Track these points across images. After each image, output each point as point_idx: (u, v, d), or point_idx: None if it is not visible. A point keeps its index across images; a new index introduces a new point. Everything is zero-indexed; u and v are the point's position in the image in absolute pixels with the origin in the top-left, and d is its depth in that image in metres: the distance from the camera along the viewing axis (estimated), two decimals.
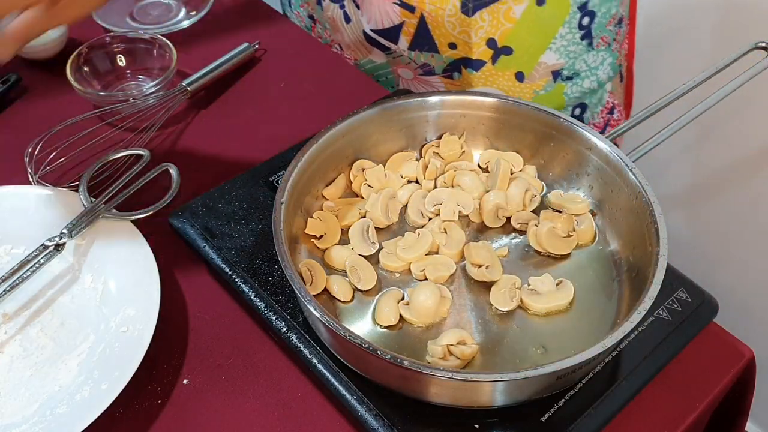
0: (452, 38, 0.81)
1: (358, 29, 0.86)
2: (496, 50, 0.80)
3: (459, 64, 0.83)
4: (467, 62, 0.83)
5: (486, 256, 0.67)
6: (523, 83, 0.82)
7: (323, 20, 0.92)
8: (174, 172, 0.77)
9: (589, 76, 0.85)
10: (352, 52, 0.91)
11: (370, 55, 0.89)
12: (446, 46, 0.82)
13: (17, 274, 0.68)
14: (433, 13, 0.79)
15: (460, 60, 0.83)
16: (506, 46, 0.80)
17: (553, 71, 0.83)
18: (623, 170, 0.67)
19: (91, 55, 0.94)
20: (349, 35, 0.88)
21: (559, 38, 0.80)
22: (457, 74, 0.85)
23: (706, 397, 0.65)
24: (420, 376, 0.54)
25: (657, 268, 0.58)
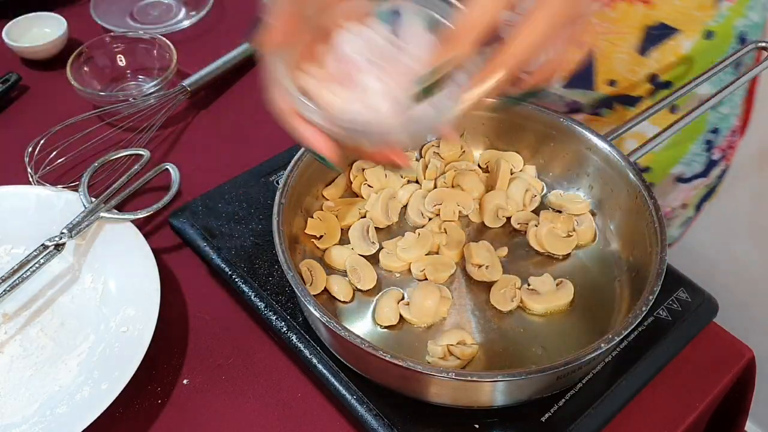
0: (615, 75, 0.78)
1: None
2: (656, 85, 0.78)
3: (612, 101, 0.81)
4: (623, 99, 0.80)
5: (486, 256, 0.67)
6: (674, 114, 0.80)
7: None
8: (174, 172, 0.77)
9: (728, 101, 0.84)
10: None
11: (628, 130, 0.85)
12: (605, 83, 0.79)
13: (17, 274, 0.67)
14: (605, 50, 0.76)
15: (615, 96, 0.80)
16: (668, 81, 0.78)
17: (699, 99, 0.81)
18: (623, 170, 0.67)
19: (91, 55, 0.94)
20: None
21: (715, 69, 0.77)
22: (606, 110, 0.82)
23: (706, 397, 0.65)
24: (420, 376, 0.54)
25: (657, 268, 0.58)
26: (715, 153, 0.86)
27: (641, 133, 0.80)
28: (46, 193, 0.75)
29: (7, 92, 0.93)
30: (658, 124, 0.79)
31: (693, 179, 0.87)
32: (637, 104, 0.80)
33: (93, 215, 0.71)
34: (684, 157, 0.85)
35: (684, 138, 0.82)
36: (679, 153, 0.84)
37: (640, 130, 0.78)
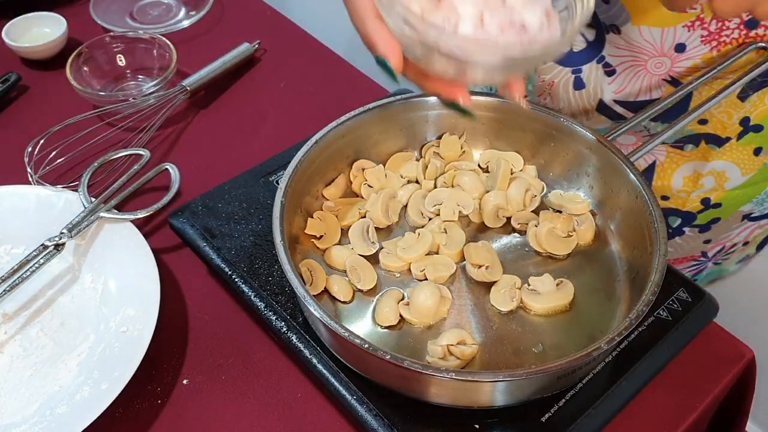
0: (709, 116, 0.76)
1: (592, 98, 0.79)
2: (746, 128, 0.76)
3: (700, 139, 0.78)
4: (711, 138, 0.78)
5: (486, 256, 0.67)
6: (758, 156, 0.78)
7: (530, 83, 0.84)
8: (174, 172, 0.77)
9: None
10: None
11: (587, 122, 0.81)
12: (696, 121, 0.76)
13: (17, 274, 0.67)
14: (704, 93, 0.74)
15: (703, 135, 0.78)
16: (758, 125, 0.76)
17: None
18: (623, 170, 0.67)
19: (91, 55, 0.94)
20: (572, 102, 0.80)
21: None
22: (691, 146, 0.79)
23: (706, 397, 0.65)
24: (420, 376, 0.54)
25: (657, 268, 0.58)
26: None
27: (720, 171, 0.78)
28: (46, 193, 0.75)
29: (7, 92, 0.93)
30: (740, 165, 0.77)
31: (761, 218, 0.86)
32: (724, 146, 0.78)
33: (93, 215, 0.71)
34: (757, 197, 0.83)
35: (760, 179, 0.79)
36: (755, 192, 0.82)
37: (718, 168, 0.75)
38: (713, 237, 0.85)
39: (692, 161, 0.77)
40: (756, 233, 0.89)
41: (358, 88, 0.97)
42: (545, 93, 0.81)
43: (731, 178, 0.79)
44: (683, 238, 0.85)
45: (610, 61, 0.74)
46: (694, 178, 0.78)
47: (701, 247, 0.87)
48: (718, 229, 0.85)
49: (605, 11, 0.70)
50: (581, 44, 0.74)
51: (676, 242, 0.86)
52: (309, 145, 0.68)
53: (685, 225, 0.84)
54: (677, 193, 0.81)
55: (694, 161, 0.77)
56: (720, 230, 0.85)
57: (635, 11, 0.69)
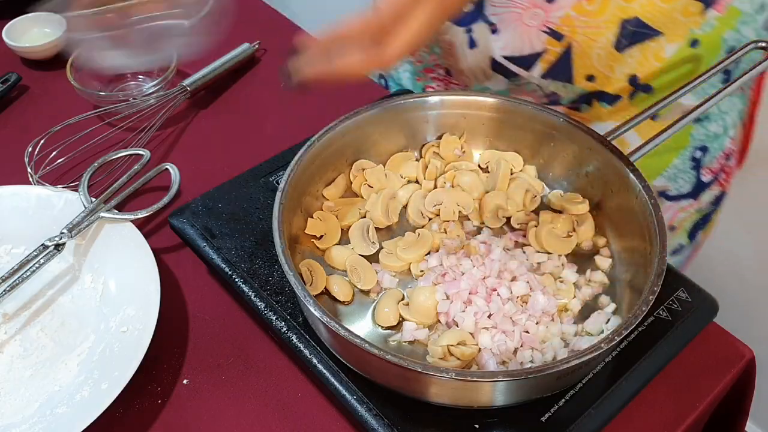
0: (593, 71, 0.78)
1: (484, 55, 0.82)
2: (636, 87, 0.78)
3: (591, 97, 0.81)
4: (601, 95, 0.80)
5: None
6: (655, 121, 0.79)
7: (435, 43, 0.88)
8: (174, 172, 0.77)
9: (717, 120, 0.83)
10: (465, 78, 0.87)
11: (487, 82, 0.85)
12: (583, 77, 0.79)
13: (17, 274, 0.67)
14: (583, 43, 0.76)
15: (594, 93, 0.80)
16: (647, 84, 0.78)
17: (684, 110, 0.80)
18: (623, 170, 0.67)
19: None
20: (469, 61, 0.84)
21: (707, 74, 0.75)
22: (585, 106, 0.82)
23: (706, 397, 0.65)
24: (420, 376, 0.54)
25: (657, 268, 0.58)
26: (705, 174, 0.85)
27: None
28: (46, 193, 0.75)
29: (7, 92, 0.93)
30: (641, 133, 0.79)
31: (680, 198, 0.86)
32: (615, 104, 0.80)
33: (93, 215, 0.71)
34: (666, 171, 0.84)
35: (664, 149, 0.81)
36: (662, 164, 0.84)
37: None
38: None
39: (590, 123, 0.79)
40: (680, 216, 0.89)
41: (358, 88, 0.97)
42: (448, 54, 0.85)
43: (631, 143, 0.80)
44: None
45: (492, 18, 0.77)
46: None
47: None
48: None
49: None
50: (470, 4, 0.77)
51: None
52: (309, 145, 0.68)
53: None
54: None
55: (590, 123, 0.80)
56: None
57: None
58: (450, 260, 0.66)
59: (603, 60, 0.77)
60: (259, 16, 1.10)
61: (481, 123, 0.75)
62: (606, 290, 0.66)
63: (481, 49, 0.81)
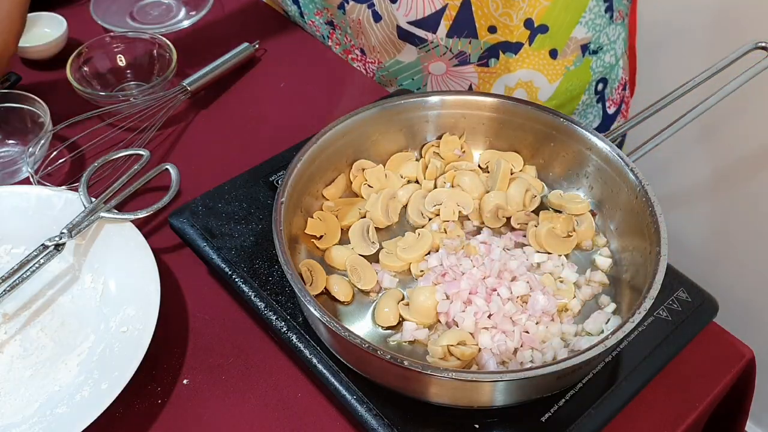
0: (493, 21, 0.80)
1: (390, 26, 0.85)
2: (533, 30, 0.80)
3: (497, 49, 0.83)
4: (506, 46, 0.82)
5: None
6: (556, 60, 0.82)
7: (344, 24, 0.91)
8: (174, 172, 0.77)
9: (609, 50, 0.86)
10: (378, 54, 0.90)
11: (399, 54, 0.87)
12: (486, 29, 0.81)
13: (17, 274, 0.67)
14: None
15: (499, 45, 0.82)
16: (542, 25, 0.80)
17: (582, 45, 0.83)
18: (623, 170, 0.67)
19: (91, 55, 0.94)
20: (378, 35, 0.87)
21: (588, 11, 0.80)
22: (494, 60, 0.84)
23: (706, 397, 0.65)
24: (420, 376, 0.54)
25: (657, 268, 0.58)
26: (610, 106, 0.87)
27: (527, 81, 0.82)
28: (46, 193, 0.75)
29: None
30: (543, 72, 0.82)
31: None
32: (519, 52, 0.82)
33: (93, 215, 0.71)
34: (577, 108, 0.86)
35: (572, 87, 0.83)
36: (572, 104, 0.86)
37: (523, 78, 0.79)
38: None
39: (500, 76, 0.79)
40: None
41: (358, 88, 0.97)
42: (359, 32, 0.88)
43: (540, 87, 0.83)
44: None
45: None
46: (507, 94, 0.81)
47: None
48: None
49: None
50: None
51: None
52: (309, 145, 0.68)
53: None
54: None
55: (501, 76, 0.80)
56: None
57: None
58: (450, 260, 0.66)
59: (499, 7, 0.79)
60: (259, 16, 1.10)
61: (481, 123, 0.75)
62: (606, 290, 0.66)
63: (386, 21, 0.84)
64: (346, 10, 0.87)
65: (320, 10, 0.94)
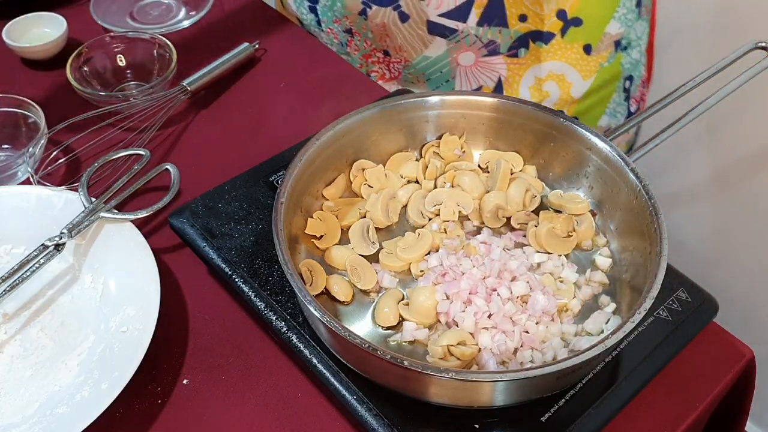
0: (524, 9, 0.79)
1: (419, 23, 0.84)
2: (566, 22, 0.79)
3: (527, 39, 0.81)
4: (536, 35, 0.81)
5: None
6: (590, 56, 0.81)
7: (366, 30, 0.90)
8: (174, 172, 0.77)
9: (636, 46, 0.85)
10: (404, 53, 0.89)
11: (427, 50, 0.86)
12: (516, 18, 0.80)
13: (17, 274, 0.67)
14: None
15: (529, 34, 0.81)
16: (576, 18, 0.79)
17: (615, 41, 0.82)
18: (623, 170, 0.67)
19: (91, 55, 0.94)
20: (405, 34, 0.86)
21: (621, 6, 0.79)
22: (523, 50, 0.83)
23: (706, 397, 0.65)
24: (420, 376, 0.54)
25: (657, 268, 0.58)
26: (632, 104, 0.87)
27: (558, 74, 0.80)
28: (46, 193, 0.75)
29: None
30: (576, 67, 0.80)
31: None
32: (551, 42, 0.81)
33: (93, 215, 0.71)
34: (608, 107, 0.85)
35: (603, 84, 0.82)
36: (604, 101, 0.85)
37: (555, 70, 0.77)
38: None
39: (530, 67, 0.79)
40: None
41: (358, 88, 0.97)
42: (383, 36, 0.87)
43: (573, 82, 0.81)
44: None
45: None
46: (537, 87, 0.82)
47: None
48: None
49: None
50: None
51: None
52: (309, 144, 0.68)
53: None
54: None
55: (531, 67, 0.80)
56: None
57: None
58: (450, 260, 0.66)
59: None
60: (259, 16, 1.10)
61: (481, 123, 0.75)
62: (606, 290, 0.66)
63: (414, 19, 0.83)
64: (368, 16, 0.87)
65: (339, 18, 0.93)
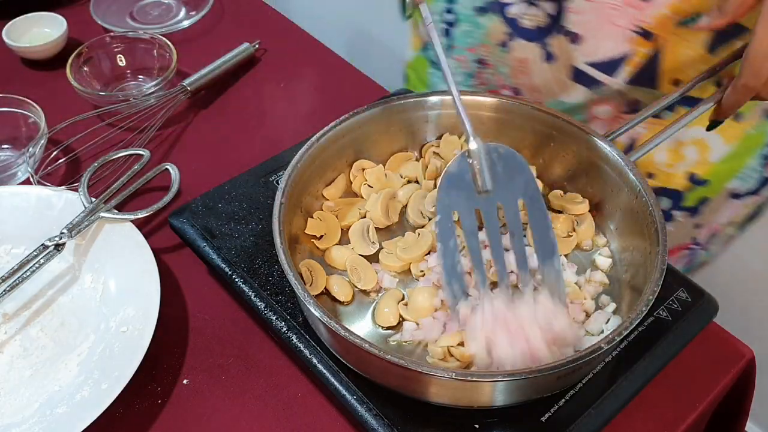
0: (681, 74, 0.74)
1: (564, 67, 0.78)
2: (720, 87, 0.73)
3: (675, 103, 0.75)
4: (688, 101, 0.75)
5: None
6: (738, 122, 0.77)
7: (500, 63, 0.84)
8: (174, 172, 0.77)
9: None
10: (538, 94, 0.83)
11: (564, 95, 0.80)
12: (670, 82, 0.75)
13: (17, 274, 0.67)
14: (674, 44, 0.72)
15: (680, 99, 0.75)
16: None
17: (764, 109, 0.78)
18: (623, 170, 0.67)
19: (91, 55, 0.94)
20: (545, 75, 0.80)
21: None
22: (667, 112, 0.77)
23: (706, 397, 0.65)
24: (420, 376, 0.54)
25: (657, 267, 0.58)
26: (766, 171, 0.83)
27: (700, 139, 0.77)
28: (46, 193, 0.75)
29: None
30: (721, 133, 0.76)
31: (746, 196, 0.85)
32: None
33: (93, 215, 0.71)
34: (741, 171, 0.81)
35: (743, 150, 0.78)
36: (737, 166, 0.81)
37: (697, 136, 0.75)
38: (703, 221, 0.84)
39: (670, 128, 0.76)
40: (740, 212, 0.88)
41: (358, 88, 0.97)
42: (519, 72, 0.82)
43: (713, 147, 0.78)
44: (674, 224, 0.84)
45: (574, 29, 0.74)
46: (675, 149, 0.78)
47: (692, 233, 0.86)
48: (707, 211, 0.84)
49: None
50: (543, 18, 0.74)
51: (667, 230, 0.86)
52: (309, 145, 0.68)
53: (675, 208, 0.83)
54: (661, 168, 0.80)
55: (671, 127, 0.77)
56: (709, 212, 0.84)
57: None
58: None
59: (693, 62, 0.73)
60: (259, 16, 1.10)
61: (481, 123, 0.75)
62: (606, 290, 0.66)
63: (560, 61, 0.78)
64: (509, 48, 0.80)
65: (474, 46, 0.85)
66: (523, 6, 0.75)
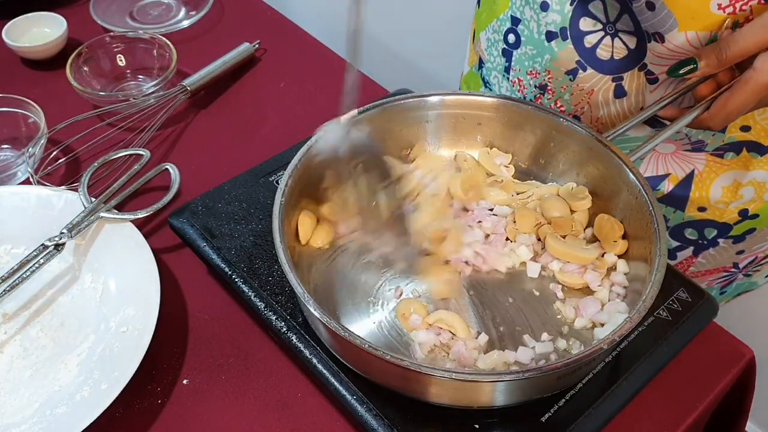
0: (752, 122, 0.72)
1: (634, 105, 0.76)
2: None
3: (741, 146, 0.74)
4: (753, 146, 0.74)
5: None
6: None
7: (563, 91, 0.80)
8: (174, 172, 0.77)
9: None
10: (597, 125, 0.80)
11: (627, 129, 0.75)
12: (738, 128, 0.73)
13: (17, 274, 0.67)
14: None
15: (746, 143, 0.74)
16: None
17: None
18: (623, 170, 0.66)
19: (91, 55, 0.94)
20: (612, 110, 0.78)
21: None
22: (732, 154, 0.75)
23: (706, 397, 0.65)
24: (420, 376, 0.54)
25: (657, 268, 0.58)
26: None
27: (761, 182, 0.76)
28: (46, 193, 0.75)
29: None
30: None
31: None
32: (766, 154, 0.75)
33: (93, 215, 0.71)
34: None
35: None
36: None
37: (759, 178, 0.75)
38: (747, 248, 0.83)
39: (732, 170, 0.74)
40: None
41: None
42: (583, 102, 0.79)
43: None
44: (716, 249, 0.83)
45: (653, 69, 0.72)
46: (733, 189, 0.76)
47: (733, 258, 0.85)
48: (752, 240, 0.82)
49: (649, 19, 0.68)
50: (622, 52, 0.72)
51: (708, 253, 0.84)
52: (309, 144, 0.68)
53: (720, 236, 0.82)
54: (715, 204, 0.78)
55: (734, 170, 0.75)
56: (754, 241, 0.82)
57: (683, 17, 0.67)
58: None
59: (766, 114, 0.72)
60: (259, 16, 1.10)
61: (481, 123, 0.75)
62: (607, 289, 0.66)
63: (630, 99, 0.76)
64: (577, 78, 0.77)
65: (538, 71, 0.82)
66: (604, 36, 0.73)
